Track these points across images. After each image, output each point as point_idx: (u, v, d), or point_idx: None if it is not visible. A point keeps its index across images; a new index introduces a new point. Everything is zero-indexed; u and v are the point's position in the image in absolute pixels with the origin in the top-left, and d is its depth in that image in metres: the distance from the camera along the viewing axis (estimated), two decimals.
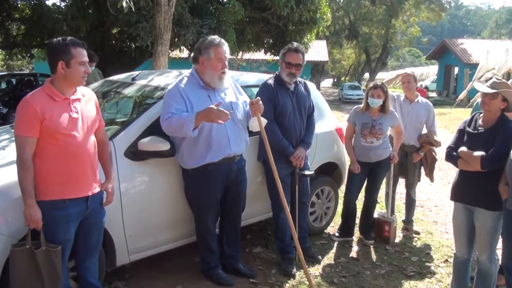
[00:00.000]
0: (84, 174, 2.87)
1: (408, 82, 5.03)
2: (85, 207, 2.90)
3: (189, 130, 3.32)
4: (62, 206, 2.78)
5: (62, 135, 2.73)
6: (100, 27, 10.31)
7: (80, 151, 2.82)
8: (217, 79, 3.55)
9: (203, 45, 3.55)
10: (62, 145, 2.74)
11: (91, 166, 2.91)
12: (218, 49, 3.51)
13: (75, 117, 2.80)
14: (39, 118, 2.66)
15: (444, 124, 15.56)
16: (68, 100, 2.80)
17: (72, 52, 2.73)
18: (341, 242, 4.96)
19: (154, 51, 7.33)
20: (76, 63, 2.74)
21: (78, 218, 2.90)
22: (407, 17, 42.70)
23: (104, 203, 3.06)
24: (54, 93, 2.76)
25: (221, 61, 3.52)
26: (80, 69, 2.76)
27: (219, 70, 3.53)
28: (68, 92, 2.81)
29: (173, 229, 3.82)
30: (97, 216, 3.03)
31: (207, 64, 3.52)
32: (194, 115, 3.32)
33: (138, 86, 4.34)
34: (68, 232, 2.86)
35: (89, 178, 2.90)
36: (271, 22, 11.03)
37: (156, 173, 3.63)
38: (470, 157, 3.31)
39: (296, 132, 4.16)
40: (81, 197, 2.86)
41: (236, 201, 3.88)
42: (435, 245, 5.03)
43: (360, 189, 4.93)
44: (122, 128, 3.60)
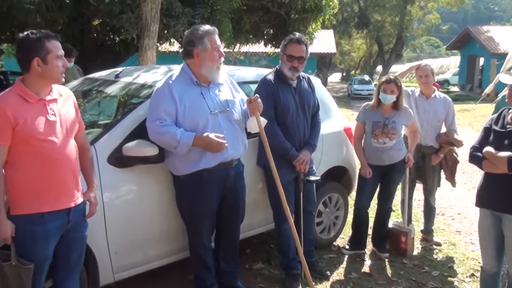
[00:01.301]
0: (65, 183, 2.84)
1: (426, 76, 5.01)
2: (66, 220, 2.87)
3: (182, 152, 3.42)
4: (39, 220, 2.74)
5: (38, 141, 2.70)
6: (79, 19, 10.31)
7: (60, 157, 2.79)
8: (216, 69, 3.58)
9: (196, 36, 3.56)
10: (39, 152, 2.71)
11: (72, 173, 2.89)
12: (213, 37, 3.55)
13: (52, 120, 2.77)
14: (11, 123, 2.62)
15: (468, 121, 15.57)
16: (43, 101, 2.76)
17: (48, 47, 2.71)
18: (352, 255, 4.97)
19: (140, 45, 7.36)
20: (53, 58, 2.73)
21: (58, 233, 2.87)
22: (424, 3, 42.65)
23: (86, 215, 3.04)
24: (28, 94, 2.72)
25: (218, 49, 3.57)
26: (58, 64, 2.75)
27: (218, 60, 3.57)
28: (43, 92, 2.78)
29: (163, 243, 3.82)
30: (79, 229, 3.01)
31: (204, 56, 3.53)
32: (192, 140, 3.37)
33: (123, 84, 4.35)
34: (46, 249, 2.83)
35: (71, 188, 2.88)
36: (272, 11, 11.06)
37: (144, 181, 3.64)
38: (496, 158, 3.28)
39: (299, 133, 4.18)
40: (61, 210, 2.83)
41: (234, 211, 3.89)
42: (459, 258, 5.04)
43: (372, 196, 4.94)
44: (104, 131, 3.61)
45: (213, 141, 3.39)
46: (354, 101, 28.88)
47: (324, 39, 32.53)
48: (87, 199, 3.04)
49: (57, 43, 2.78)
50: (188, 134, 3.40)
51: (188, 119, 3.47)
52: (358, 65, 56.08)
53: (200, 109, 3.51)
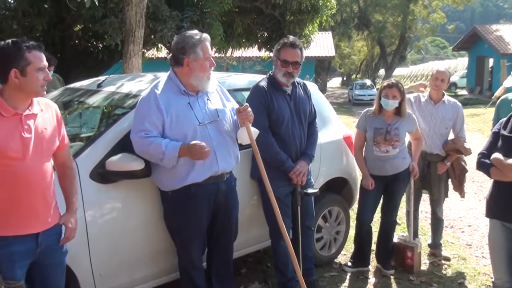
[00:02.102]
0: (34, 208, 2.77)
1: (442, 81, 4.99)
2: (34, 245, 2.81)
3: (169, 164, 3.42)
4: (3, 242, 2.70)
5: (9, 159, 2.64)
6: (59, 25, 10.32)
7: (30, 179, 2.73)
8: (206, 79, 3.59)
9: (188, 44, 3.55)
10: (7, 171, 2.65)
11: (43, 196, 2.81)
12: (205, 45, 3.56)
13: (26, 138, 2.71)
14: None
15: (478, 127, 15.61)
16: (19, 116, 2.71)
17: (28, 57, 2.67)
18: (354, 273, 4.97)
19: (124, 51, 7.38)
20: (34, 70, 2.68)
21: (25, 257, 2.81)
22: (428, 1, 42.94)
23: (61, 240, 2.97)
24: (3, 107, 2.67)
25: (209, 59, 3.58)
26: (39, 76, 2.71)
27: (208, 70, 3.58)
28: (21, 106, 2.73)
29: (151, 264, 3.81)
30: (54, 255, 2.95)
31: (195, 66, 3.54)
32: (177, 152, 3.37)
33: (106, 93, 4.36)
34: (13, 272, 2.76)
35: (41, 213, 2.81)
36: (265, 12, 11.11)
37: (129, 197, 3.63)
38: (505, 165, 3.29)
39: (295, 143, 4.19)
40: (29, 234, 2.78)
41: (226, 228, 3.88)
42: (470, 273, 5.04)
43: (375, 209, 4.95)
44: (86, 144, 3.61)
45: (199, 146, 3.36)
46: (355, 107, 28.98)
47: (322, 41, 32.68)
48: (64, 222, 2.96)
49: (40, 54, 2.73)
50: (174, 144, 3.40)
51: (175, 131, 3.47)
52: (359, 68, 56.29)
53: (188, 120, 3.51)
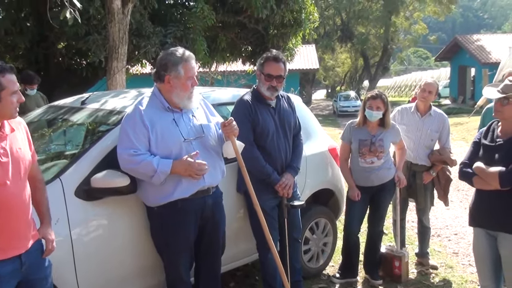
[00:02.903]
0: (17, 230, 2.74)
1: (430, 93, 5.03)
2: (19, 264, 2.78)
3: (158, 181, 3.41)
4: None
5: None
6: (42, 43, 10.28)
7: (12, 203, 2.69)
8: (187, 98, 3.57)
9: (171, 61, 3.54)
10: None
11: (25, 218, 2.79)
12: (188, 64, 3.53)
13: (4, 162, 2.65)
14: None
15: (462, 135, 15.75)
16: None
17: (2, 82, 2.60)
18: (343, 284, 4.97)
19: (108, 68, 7.37)
20: (8, 94, 2.63)
21: (12, 278, 2.77)
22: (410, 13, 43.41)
23: (44, 253, 2.95)
24: None
25: (192, 78, 3.55)
26: (13, 100, 2.66)
27: (189, 90, 3.56)
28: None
29: (139, 280, 3.78)
30: (39, 270, 2.92)
31: (176, 84, 3.53)
32: (169, 168, 3.37)
33: (89, 110, 4.35)
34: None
35: (21, 233, 2.79)
36: (249, 27, 11.15)
37: (115, 214, 3.61)
38: (487, 174, 3.32)
39: (281, 155, 4.20)
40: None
41: (213, 243, 3.86)
42: (457, 281, 5.07)
43: (362, 220, 4.96)
44: (71, 162, 3.59)
45: (193, 163, 3.39)
46: (340, 118, 29.12)
47: (306, 54, 32.89)
48: (42, 236, 2.94)
49: (12, 77, 2.67)
50: (166, 161, 3.40)
51: (161, 147, 3.46)
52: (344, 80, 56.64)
53: (173, 137, 3.50)
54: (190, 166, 3.41)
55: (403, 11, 41.88)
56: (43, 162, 3.89)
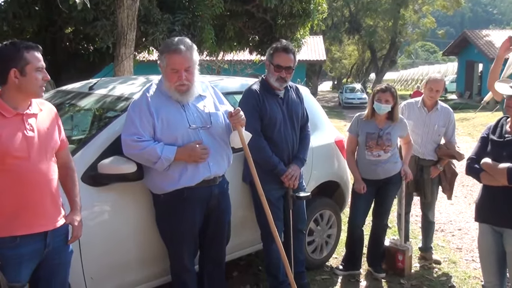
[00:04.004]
0: (42, 205, 2.79)
1: (437, 92, 5.02)
2: (43, 245, 2.82)
3: (161, 167, 3.41)
4: (11, 244, 2.70)
5: (14, 159, 2.66)
6: (50, 27, 10.28)
7: (36, 177, 2.75)
8: (175, 90, 3.49)
9: (160, 49, 3.57)
10: (13, 171, 2.67)
11: (51, 195, 2.84)
12: (172, 57, 3.44)
13: (30, 136, 2.73)
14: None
15: (468, 131, 15.72)
16: (21, 116, 2.73)
17: (27, 57, 2.70)
18: (346, 276, 4.98)
19: (116, 54, 7.36)
20: (33, 69, 2.71)
21: (33, 258, 2.82)
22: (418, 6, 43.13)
23: (69, 240, 3.00)
24: (4, 108, 2.68)
25: (176, 71, 3.45)
26: (37, 76, 2.73)
27: (174, 82, 3.47)
28: (21, 106, 2.75)
29: (143, 267, 3.80)
30: (61, 255, 2.97)
31: (162, 71, 3.53)
32: (173, 155, 3.38)
33: (97, 96, 4.34)
34: (18, 275, 2.77)
35: (49, 210, 2.84)
36: (257, 16, 11.10)
37: (121, 200, 3.62)
38: (495, 170, 3.31)
39: (288, 146, 4.19)
40: (37, 233, 2.78)
41: (218, 232, 3.86)
42: (460, 277, 5.07)
43: (367, 212, 4.96)
44: (78, 147, 3.61)
45: (196, 148, 3.40)
46: (346, 110, 29.06)
47: (313, 45, 32.77)
48: (70, 222, 2.99)
49: (38, 54, 2.76)
50: (170, 148, 3.40)
51: (166, 134, 3.46)
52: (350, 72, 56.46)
53: (178, 124, 3.49)
54: (193, 151, 3.42)
55: (412, 4, 41.62)
56: None
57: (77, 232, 3.03)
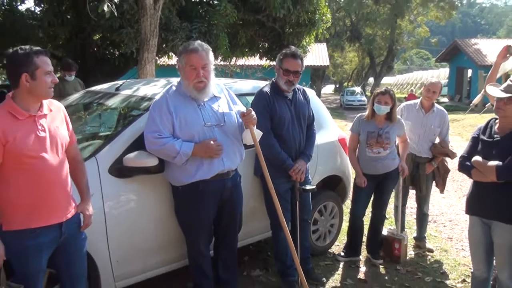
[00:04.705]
0: (57, 200, 2.79)
1: (434, 93, 5.02)
2: (59, 233, 2.82)
3: (180, 162, 3.42)
4: (31, 235, 2.70)
5: (29, 158, 2.63)
6: (80, 34, 10.34)
7: (51, 174, 2.73)
8: (193, 88, 3.50)
9: (179, 51, 3.58)
10: (30, 170, 2.65)
11: (64, 189, 2.83)
12: (190, 56, 3.47)
13: (42, 137, 2.70)
14: (1, 141, 2.56)
15: (458, 131, 15.63)
16: (33, 118, 2.69)
17: (36, 62, 2.63)
18: (347, 262, 4.96)
19: (139, 58, 7.37)
20: (42, 73, 2.65)
21: (51, 246, 2.82)
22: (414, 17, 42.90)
23: (81, 227, 2.99)
24: (17, 111, 2.64)
25: (194, 69, 3.46)
26: (46, 79, 2.68)
27: (193, 80, 3.47)
28: (33, 108, 2.71)
29: (163, 252, 3.80)
30: (76, 242, 2.97)
31: (181, 72, 3.54)
32: (191, 150, 3.38)
33: (123, 96, 4.34)
34: (39, 262, 2.78)
35: (62, 203, 2.83)
36: (267, 25, 11.09)
37: (144, 191, 3.62)
38: (485, 167, 3.30)
39: (295, 143, 4.18)
40: (53, 224, 2.79)
41: (231, 221, 3.86)
42: (451, 264, 5.04)
43: (367, 204, 4.93)
44: (105, 142, 3.60)
45: (211, 145, 3.40)
46: (347, 111, 28.96)
47: (318, 52, 32.68)
48: (81, 211, 2.99)
49: (46, 59, 2.70)
50: (187, 144, 3.40)
51: (184, 131, 3.46)
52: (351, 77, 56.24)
53: (195, 122, 3.49)
54: (208, 148, 3.41)
55: (408, 15, 41.40)
56: (80, 141, 3.89)
57: (88, 220, 3.01)
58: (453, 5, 40.94)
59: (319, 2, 11.16)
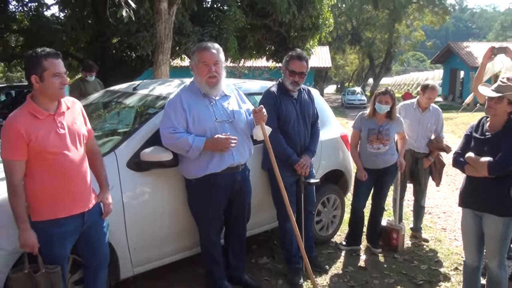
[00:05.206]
0: (78, 192, 2.81)
1: (430, 99, 5.00)
2: (81, 222, 2.85)
3: (193, 155, 3.41)
4: (56, 224, 2.73)
5: (51, 154, 2.66)
6: (100, 37, 10.37)
7: (72, 168, 2.75)
8: (206, 84, 3.50)
9: (192, 51, 3.60)
10: (52, 165, 2.67)
11: (84, 182, 2.85)
12: (202, 53, 3.49)
13: (62, 134, 2.72)
14: (25, 140, 2.58)
15: (451, 129, 15.54)
16: (52, 117, 2.70)
17: (44, 64, 2.62)
18: (348, 251, 4.95)
19: (155, 60, 7.36)
20: (50, 75, 2.63)
21: (74, 234, 2.85)
22: (410, 21, 42.63)
23: (103, 215, 3.02)
24: (37, 111, 2.66)
25: (206, 65, 3.47)
26: (54, 81, 2.65)
27: (205, 75, 3.48)
28: (51, 107, 2.72)
29: (177, 240, 3.81)
30: (98, 230, 2.99)
31: (195, 69, 3.54)
32: (203, 145, 3.36)
33: (140, 95, 4.34)
34: (64, 249, 2.82)
35: (84, 195, 2.85)
36: (273, 29, 11.07)
37: (159, 183, 3.63)
38: (477, 163, 3.29)
39: (300, 140, 4.16)
40: (76, 214, 2.81)
41: (240, 212, 3.86)
42: (445, 253, 5.01)
43: (367, 197, 4.91)
44: (124, 138, 3.61)
45: (222, 139, 3.38)
46: (348, 110, 28.85)
47: (321, 54, 32.59)
48: (101, 200, 3.01)
49: (55, 61, 2.67)
50: (200, 138, 3.40)
51: (197, 127, 3.46)
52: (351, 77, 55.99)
53: (207, 118, 3.49)
54: (218, 142, 3.39)
55: (405, 20, 41.12)
56: (100, 137, 3.91)
57: (108, 208, 3.04)
58: (446, 10, 40.73)
59: (322, 7, 11.12)
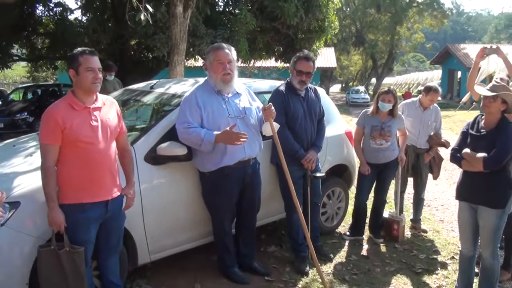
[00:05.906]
0: (103, 180, 2.86)
1: (431, 101, 4.97)
2: (105, 210, 2.89)
3: (206, 149, 3.41)
4: (81, 209, 2.78)
5: (83, 143, 2.73)
6: (119, 39, 10.41)
7: (100, 158, 2.81)
8: (221, 81, 3.52)
9: (206, 51, 3.62)
10: (82, 153, 2.75)
11: (110, 172, 2.89)
12: (217, 52, 3.51)
13: (94, 126, 2.79)
14: (60, 127, 2.68)
15: (449, 126, 15.42)
16: (88, 109, 2.80)
17: (79, 60, 2.73)
18: (352, 241, 4.93)
19: (170, 61, 7.37)
20: (84, 69, 2.73)
21: (98, 220, 2.90)
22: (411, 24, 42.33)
23: (123, 208, 3.06)
24: (75, 103, 2.77)
25: (221, 63, 3.49)
26: (87, 75, 2.74)
27: (220, 72, 3.49)
28: (88, 101, 2.81)
29: (191, 229, 3.82)
30: (117, 219, 3.03)
31: (210, 68, 3.55)
32: (214, 138, 3.36)
33: (156, 94, 4.35)
34: (88, 234, 2.86)
35: (108, 184, 2.89)
36: (281, 31, 11.04)
37: (175, 176, 3.63)
38: (473, 158, 3.30)
39: (307, 136, 4.14)
40: (100, 201, 2.85)
41: (251, 203, 3.86)
42: (442, 243, 4.98)
43: (370, 190, 4.89)
44: (141, 134, 3.62)
45: (232, 133, 3.36)
46: (352, 108, 28.70)
47: (326, 55, 32.45)
48: (125, 193, 3.04)
49: (90, 58, 2.76)
50: (210, 132, 3.40)
51: (211, 123, 3.46)
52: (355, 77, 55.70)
53: (221, 114, 3.50)
54: (228, 135, 3.36)
55: (406, 23, 40.83)
56: None
57: (130, 202, 3.08)
58: (444, 14, 40.44)
59: (328, 11, 11.07)
